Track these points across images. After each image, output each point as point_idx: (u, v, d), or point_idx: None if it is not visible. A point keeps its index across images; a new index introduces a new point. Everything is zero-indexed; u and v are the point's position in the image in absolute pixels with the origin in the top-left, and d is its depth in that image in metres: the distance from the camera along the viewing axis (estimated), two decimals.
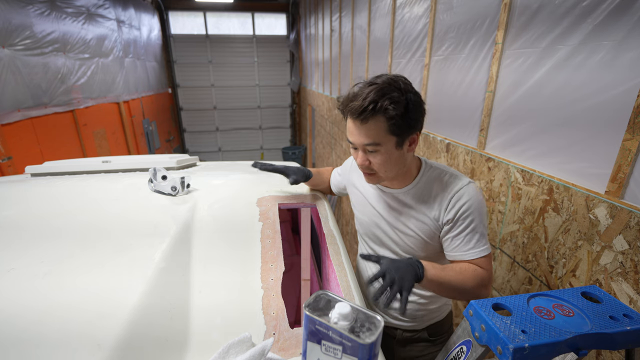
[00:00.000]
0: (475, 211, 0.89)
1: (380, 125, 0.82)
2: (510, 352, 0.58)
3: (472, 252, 0.89)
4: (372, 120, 0.81)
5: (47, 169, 1.52)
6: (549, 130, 1.19)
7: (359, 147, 0.89)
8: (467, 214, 0.88)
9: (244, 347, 0.64)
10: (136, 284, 0.77)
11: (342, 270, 0.97)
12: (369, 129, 0.83)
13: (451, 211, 0.90)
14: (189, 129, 9.52)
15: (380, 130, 0.83)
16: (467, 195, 0.89)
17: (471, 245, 0.89)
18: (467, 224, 0.89)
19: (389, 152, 0.86)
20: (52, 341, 0.64)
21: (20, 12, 3.36)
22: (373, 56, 3.14)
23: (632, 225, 0.88)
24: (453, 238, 0.91)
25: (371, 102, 0.79)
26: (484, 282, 0.88)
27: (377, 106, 0.79)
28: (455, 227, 0.90)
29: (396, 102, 0.80)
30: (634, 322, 0.65)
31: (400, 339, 1.14)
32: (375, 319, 0.51)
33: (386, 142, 0.85)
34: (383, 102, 0.79)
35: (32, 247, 0.87)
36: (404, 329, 1.12)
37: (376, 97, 0.79)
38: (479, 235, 0.89)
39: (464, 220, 0.89)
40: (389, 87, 0.80)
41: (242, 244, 0.96)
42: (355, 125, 0.84)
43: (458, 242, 0.90)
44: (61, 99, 3.94)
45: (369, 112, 0.80)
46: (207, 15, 8.66)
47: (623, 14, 0.92)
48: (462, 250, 0.90)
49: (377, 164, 0.89)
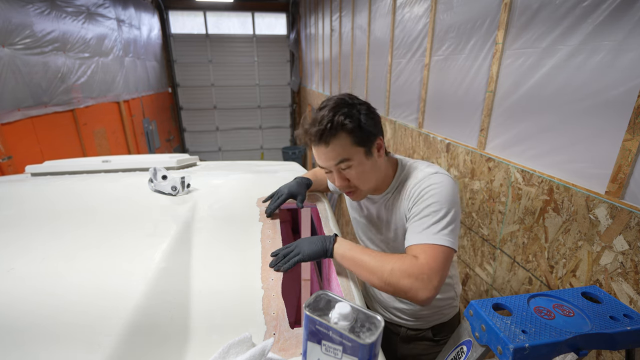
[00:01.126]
0: (435, 196, 0.82)
1: (343, 140, 0.84)
2: (511, 352, 0.58)
3: (415, 237, 0.80)
4: (334, 139, 0.84)
5: (47, 168, 1.52)
6: (549, 130, 1.19)
7: (333, 170, 0.89)
8: (423, 198, 0.84)
9: (244, 347, 0.64)
10: (136, 284, 0.77)
11: (342, 270, 0.97)
12: (335, 148, 0.85)
13: (409, 202, 0.88)
14: (189, 129, 9.52)
15: (345, 146, 0.85)
16: (429, 180, 0.86)
17: (418, 230, 0.81)
18: (421, 208, 0.83)
19: (361, 163, 0.88)
20: (52, 340, 0.64)
21: (20, 11, 3.35)
22: (373, 56, 3.14)
23: (632, 225, 0.88)
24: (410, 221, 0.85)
25: (328, 122, 0.82)
26: (410, 270, 0.73)
27: (334, 124, 0.82)
28: (410, 213, 0.86)
29: (349, 115, 0.84)
30: (634, 322, 0.65)
31: (404, 337, 1.14)
32: (376, 319, 0.51)
33: (355, 155, 0.86)
34: (338, 118, 0.82)
35: (32, 246, 0.87)
36: (408, 327, 1.12)
37: (330, 117, 0.83)
38: (434, 221, 0.80)
39: (419, 203, 0.84)
40: (337, 106, 0.84)
41: (242, 244, 0.96)
42: (321, 150, 0.87)
43: (410, 229, 0.84)
44: (61, 98, 3.93)
45: (329, 131, 0.83)
46: (207, 15, 8.66)
47: (623, 14, 0.92)
48: (409, 236, 0.83)
49: (354, 179, 0.90)
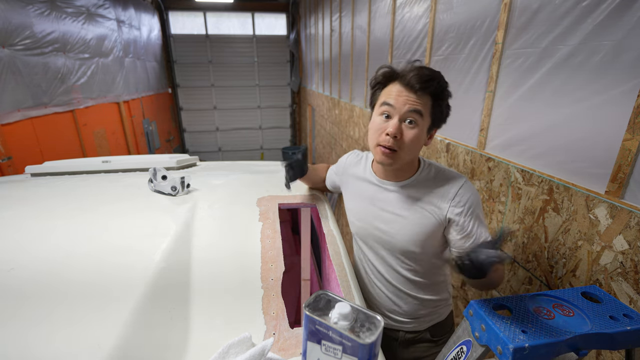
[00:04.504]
0: (478, 203, 0.92)
1: (428, 102, 0.86)
2: (510, 352, 0.58)
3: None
4: (426, 93, 0.84)
5: (47, 169, 1.52)
6: (549, 130, 1.19)
7: (399, 115, 0.84)
8: (472, 210, 0.90)
9: (244, 347, 0.64)
10: (136, 284, 0.77)
11: (342, 270, 0.97)
12: (420, 100, 0.84)
13: (457, 207, 0.90)
14: (189, 129, 9.52)
15: (427, 107, 0.86)
16: (470, 191, 0.92)
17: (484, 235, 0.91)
18: (475, 220, 0.90)
19: (421, 130, 0.88)
20: (52, 342, 0.64)
21: (20, 12, 3.36)
22: (373, 56, 3.14)
23: (632, 225, 0.88)
24: (470, 231, 0.90)
25: (437, 79, 0.84)
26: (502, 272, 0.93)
27: (441, 86, 0.84)
28: (466, 224, 0.90)
29: (447, 91, 0.87)
30: (634, 322, 0.65)
31: (403, 340, 1.13)
32: (375, 319, 0.51)
33: (422, 120, 0.87)
34: (442, 84, 0.85)
35: (32, 246, 0.87)
36: (406, 331, 1.11)
37: (435, 76, 0.84)
38: (485, 229, 0.92)
39: (471, 216, 0.90)
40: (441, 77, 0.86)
41: (242, 245, 0.96)
42: (406, 90, 0.83)
43: (474, 235, 0.91)
44: (61, 99, 3.93)
45: (433, 85, 0.83)
46: (207, 15, 8.66)
47: (623, 14, 0.92)
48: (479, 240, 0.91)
49: (407, 139, 0.86)
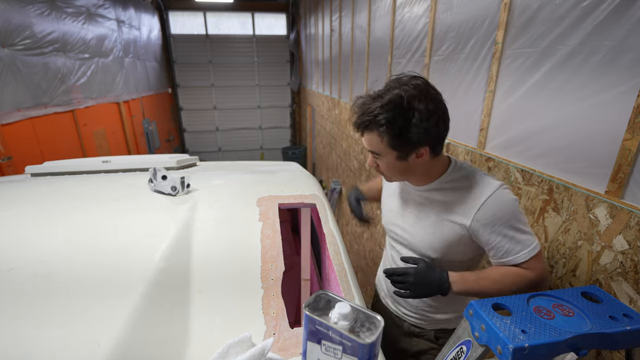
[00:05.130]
0: (510, 214, 0.86)
1: (375, 138, 0.85)
2: (510, 352, 0.58)
3: (514, 257, 0.87)
4: (368, 133, 0.86)
5: (47, 169, 1.52)
6: (549, 130, 1.19)
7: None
8: (502, 221, 0.85)
9: (244, 347, 0.64)
10: (136, 284, 0.77)
11: (342, 270, 0.97)
12: (369, 139, 0.87)
13: (483, 218, 0.86)
14: (189, 129, 9.52)
15: (377, 143, 0.86)
16: (500, 200, 0.86)
17: (514, 250, 0.87)
18: (505, 231, 0.86)
19: (391, 162, 0.88)
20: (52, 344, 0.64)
21: (20, 12, 3.35)
22: (373, 56, 3.14)
23: (632, 225, 0.88)
24: (495, 246, 0.88)
25: (367, 120, 0.83)
26: (530, 284, 0.87)
27: (372, 122, 0.82)
28: (494, 235, 0.87)
29: (392, 121, 0.79)
30: (634, 322, 0.65)
31: (407, 331, 1.14)
32: (375, 318, 0.51)
33: (386, 154, 0.87)
34: (379, 118, 0.80)
35: (32, 247, 0.87)
36: (411, 323, 1.12)
37: (372, 115, 0.81)
38: (520, 236, 0.86)
39: (501, 227, 0.86)
40: (389, 106, 0.80)
41: (242, 244, 0.96)
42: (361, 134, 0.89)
43: (501, 251, 0.88)
44: (61, 99, 3.93)
45: (364, 125, 0.84)
46: (207, 15, 8.66)
47: (623, 14, 0.92)
48: (506, 257, 0.88)
49: (382, 168, 0.93)
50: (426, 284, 0.88)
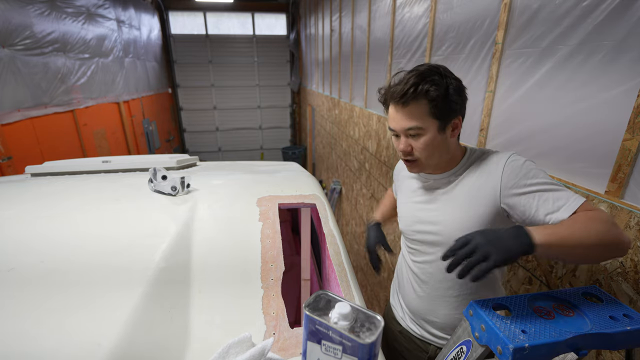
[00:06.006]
0: (537, 169, 0.82)
1: (422, 108, 0.84)
2: (510, 352, 0.58)
3: (569, 204, 0.75)
4: (413, 103, 0.84)
5: (47, 169, 1.52)
6: (549, 130, 1.19)
7: (401, 133, 0.89)
8: (533, 173, 0.80)
9: (244, 347, 0.64)
10: (136, 284, 0.77)
11: (342, 270, 0.97)
12: (411, 112, 0.85)
13: (509, 180, 0.82)
14: (189, 129, 9.53)
15: (422, 114, 0.84)
16: (520, 158, 0.84)
17: (563, 198, 0.76)
18: (542, 181, 0.79)
19: (431, 135, 0.87)
20: (53, 345, 0.64)
21: (20, 12, 3.36)
22: (373, 56, 3.14)
23: (632, 225, 0.88)
24: (539, 202, 0.78)
25: (412, 85, 0.82)
26: (608, 220, 0.71)
27: (419, 89, 0.82)
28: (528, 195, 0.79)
29: (437, 84, 0.82)
30: (634, 322, 0.65)
31: (433, 356, 1.05)
32: (375, 318, 0.51)
33: (428, 126, 0.86)
34: (424, 85, 0.82)
35: (32, 247, 0.87)
36: (437, 345, 1.04)
37: (417, 81, 0.82)
38: (561, 187, 0.78)
39: (534, 178, 0.79)
40: (429, 72, 0.83)
41: (242, 244, 0.96)
42: (397, 109, 0.87)
43: (547, 205, 0.76)
44: (61, 99, 3.94)
45: (411, 94, 0.83)
46: (207, 15, 8.67)
47: (623, 14, 0.92)
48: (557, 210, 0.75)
49: (419, 148, 0.88)
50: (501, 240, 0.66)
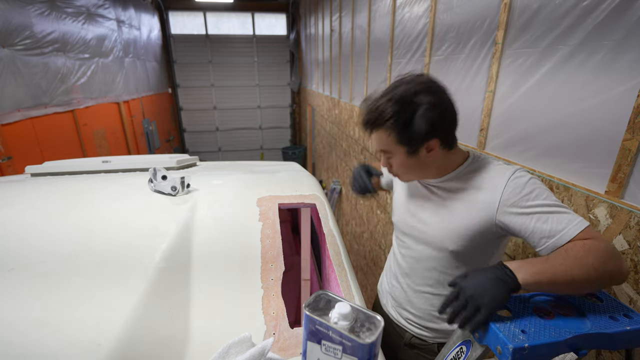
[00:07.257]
0: (542, 188, 0.79)
1: (385, 136, 0.86)
2: (510, 352, 0.58)
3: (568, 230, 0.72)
4: (377, 131, 0.87)
5: (47, 169, 1.52)
6: (549, 130, 1.19)
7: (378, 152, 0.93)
8: (536, 193, 0.77)
9: (244, 347, 0.64)
10: (136, 284, 0.77)
11: (342, 270, 0.97)
12: (379, 138, 0.88)
13: (512, 193, 0.79)
14: (189, 129, 9.53)
15: (388, 141, 0.86)
16: (524, 175, 0.81)
17: (563, 222, 0.73)
18: (544, 203, 0.76)
19: (401, 159, 0.88)
20: (52, 345, 0.64)
21: (20, 12, 3.36)
22: (373, 56, 3.14)
23: (632, 225, 0.88)
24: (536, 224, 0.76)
25: (372, 117, 0.85)
26: (606, 251, 0.67)
27: (378, 119, 0.84)
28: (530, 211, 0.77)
29: (397, 116, 0.81)
30: (634, 322, 0.65)
31: (408, 343, 1.10)
32: (375, 318, 0.51)
33: (396, 151, 0.87)
34: (385, 116, 0.82)
35: (32, 246, 0.87)
36: (413, 334, 1.08)
37: (378, 112, 0.83)
38: (564, 210, 0.75)
39: (535, 200, 0.77)
40: (394, 100, 0.81)
41: (242, 244, 0.96)
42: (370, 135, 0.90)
43: (547, 227, 0.74)
44: (61, 99, 3.94)
45: (372, 123, 0.86)
46: (207, 15, 8.67)
47: (623, 13, 0.92)
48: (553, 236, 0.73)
49: (395, 167, 0.93)
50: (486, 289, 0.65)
